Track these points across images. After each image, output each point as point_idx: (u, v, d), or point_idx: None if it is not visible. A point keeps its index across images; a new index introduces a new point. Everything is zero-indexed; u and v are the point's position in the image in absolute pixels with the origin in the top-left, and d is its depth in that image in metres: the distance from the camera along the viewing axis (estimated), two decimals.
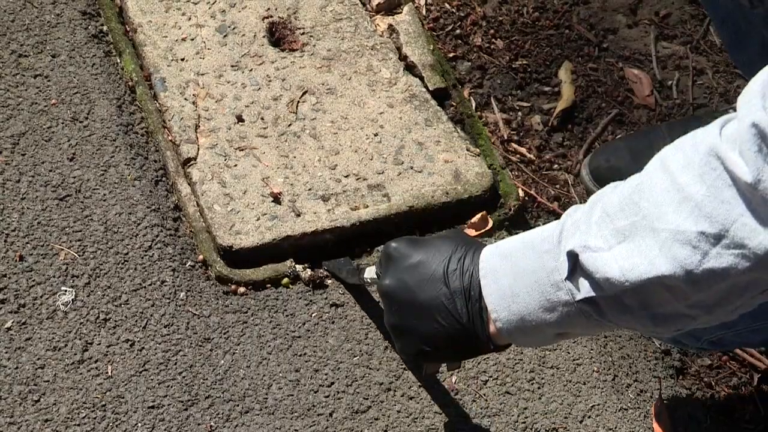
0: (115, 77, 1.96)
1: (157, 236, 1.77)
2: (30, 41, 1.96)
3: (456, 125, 2.01)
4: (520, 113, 2.12)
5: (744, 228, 1.02)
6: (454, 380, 1.72)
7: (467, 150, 1.95)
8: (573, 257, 1.16)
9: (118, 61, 2.00)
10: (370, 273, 1.61)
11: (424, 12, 2.20)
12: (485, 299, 1.27)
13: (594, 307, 1.16)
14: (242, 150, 1.88)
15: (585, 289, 1.16)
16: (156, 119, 1.91)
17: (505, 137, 2.07)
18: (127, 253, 1.75)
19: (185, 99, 1.93)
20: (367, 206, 1.85)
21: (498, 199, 1.95)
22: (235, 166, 1.86)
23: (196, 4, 2.07)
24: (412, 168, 1.91)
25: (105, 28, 2.04)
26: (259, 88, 1.97)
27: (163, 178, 1.86)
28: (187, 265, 1.76)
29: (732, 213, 1.03)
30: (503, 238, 1.89)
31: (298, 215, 1.82)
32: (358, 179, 1.88)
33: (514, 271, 1.24)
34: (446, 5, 2.23)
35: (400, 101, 2.00)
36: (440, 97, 2.06)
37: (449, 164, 1.93)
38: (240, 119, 1.92)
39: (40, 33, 1.98)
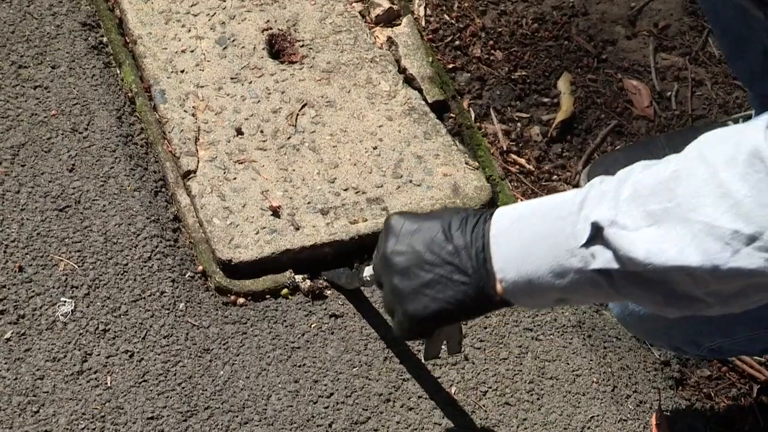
0: (114, 88, 1.97)
1: (156, 247, 1.77)
2: (30, 52, 1.96)
3: (455, 138, 2.01)
4: (519, 124, 2.12)
5: None
6: (453, 391, 1.72)
7: (466, 163, 1.95)
8: (596, 228, 1.16)
9: (118, 72, 2.01)
10: (369, 271, 1.62)
11: (423, 23, 2.20)
12: (493, 258, 1.26)
13: (608, 278, 1.16)
14: (241, 163, 1.88)
15: (603, 261, 1.15)
16: (156, 130, 1.92)
17: (505, 148, 2.07)
18: (126, 264, 1.75)
19: (185, 111, 1.93)
20: (366, 220, 1.85)
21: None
22: (235, 179, 1.86)
23: (195, 16, 2.07)
24: (410, 181, 1.91)
25: (105, 39, 2.04)
26: (259, 101, 1.97)
27: (163, 189, 1.86)
28: (186, 276, 1.76)
29: None
30: None
31: (297, 229, 1.82)
32: (357, 193, 1.88)
33: (528, 234, 1.23)
34: (445, 16, 2.23)
35: (399, 114, 2.00)
36: (439, 109, 2.06)
37: (448, 178, 1.93)
38: (239, 132, 1.92)
39: (40, 44, 1.98)
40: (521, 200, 1.98)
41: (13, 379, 1.61)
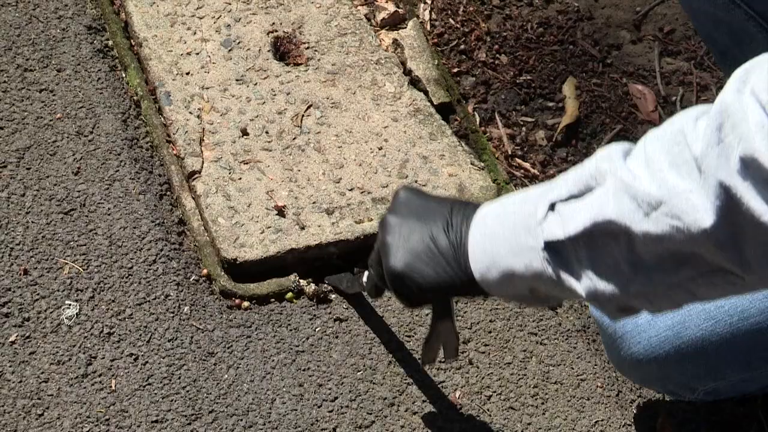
0: (120, 91, 1.97)
1: (161, 250, 1.77)
2: (35, 55, 1.97)
3: (460, 140, 2.01)
4: (524, 128, 2.12)
5: (686, 202, 1.04)
6: (457, 395, 1.72)
7: (471, 164, 1.95)
8: (551, 205, 1.19)
9: (123, 75, 2.01)
10: (366, 276, 1.62)
11: (428, 27, 2.20)
12: (468, 237, 1.29)
13: (555, 255, 1.18)
14: (247, 163, 1.88)
15: (551, 231, 1.18)
16: (161, 133, 1.92)
17: (510, 152, 2.07)
18: (131, 267, 1.75)
19: (190, 113, 1.93)
20: (372, 219, 1.86)
21: None
22: (240, 179, 1.86)
23: (201, 18, 2.08)
24: (416, 181, 1.91)
25: (110, 42, 2.05)
26: (264, 102, 1.97)
27: (168, 193, 1.86)
28: (191, 279, 1.77)
29: (680, 186, 1.05)
30: None
31: (303, 228, 1.82)
32: (362, 193, 1.89)
33: (500, 214, 1.27)
34: (450, 21, 2.23)
35: (404, 115, 2.01)
36: (445, 111, 2.06)
37: (453, 178, 1.93)
38: (244, 133, 1.92)
39: (46, 47, 1.98)
40: None
41: (18, 382, 1.61)
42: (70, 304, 1.70)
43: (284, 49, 2.08)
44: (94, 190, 1.82)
